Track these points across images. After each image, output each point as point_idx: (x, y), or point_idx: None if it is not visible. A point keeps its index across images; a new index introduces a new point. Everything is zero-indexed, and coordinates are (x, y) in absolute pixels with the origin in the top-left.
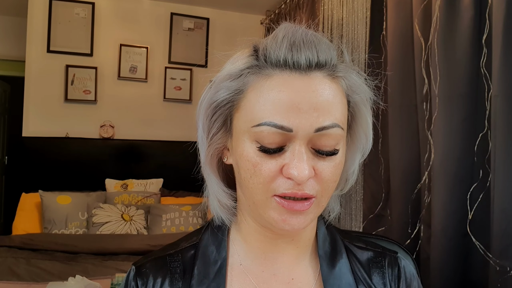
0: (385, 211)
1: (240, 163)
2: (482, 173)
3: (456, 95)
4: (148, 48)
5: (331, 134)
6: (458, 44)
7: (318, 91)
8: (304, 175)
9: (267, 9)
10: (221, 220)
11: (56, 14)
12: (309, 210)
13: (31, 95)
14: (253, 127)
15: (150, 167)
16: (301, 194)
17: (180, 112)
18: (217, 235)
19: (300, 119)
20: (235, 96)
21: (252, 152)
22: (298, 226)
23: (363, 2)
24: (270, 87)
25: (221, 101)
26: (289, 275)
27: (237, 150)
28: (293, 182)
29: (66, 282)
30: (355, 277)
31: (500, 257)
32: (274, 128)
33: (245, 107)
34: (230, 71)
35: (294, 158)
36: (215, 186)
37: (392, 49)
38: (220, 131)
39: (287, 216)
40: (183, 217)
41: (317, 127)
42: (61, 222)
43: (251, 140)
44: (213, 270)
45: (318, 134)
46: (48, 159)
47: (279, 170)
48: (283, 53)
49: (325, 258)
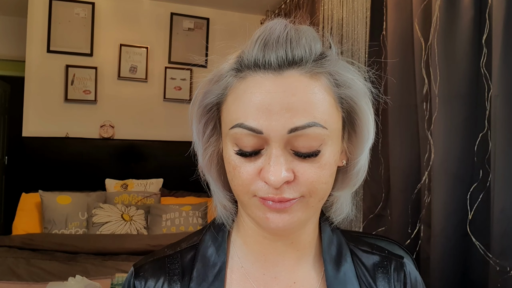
0: (385, 211)
1: (225, 165)
2: (482, 173)
3: (456, 95)
4: (148, 48)
5: (309, 134)
6: (458, 44)
7: (291, 90)
8: (278, 179)
9: (267, 9)
10: (222, 220)
11: (56, 14)
12: (294, 209)
13: (31, 95)
14: (230, 129)
15: (150, 167)
16: (278, 198)
17: (180, 112)
18: (218, 237)
19: (270, 120)
20: (219, 99)
21: (233, 155)
22: (283, 225)
23: (363, 2)
24: (243, 89)
25: (208, 104)
26: (291, 279)
27: (224, 152)
28: (270, 187)
29: (66, 282)
30: (359, 282)
31: (500, 257)
32: (246, 130)
33: (226, 110)
34: (214, 75)
35: (269, 161)
36: (216, 189)
37: (392, 49)
38: (213, 135)
39: (271, 215)
40: (183, 217)
41: (290, 127)
42: (61, 222)
43: (231, 143)
44: (212, 273)
45: (293, 135)
46: (48, 159)
47: (257, 173)
48: (255, 54)
49: (330, 262)
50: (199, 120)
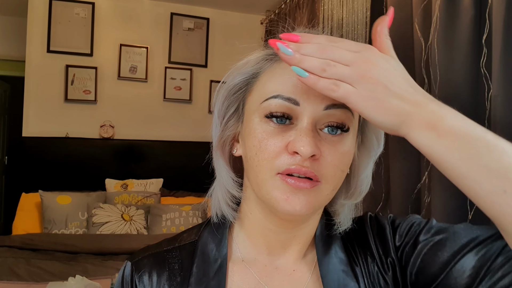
0: (385, 211)
1: (247, 143)
2: None
3: (456, 95)
4: (148, 48)
5: (341, 115)
6: (458, 44)
7: None
8: (308, 149)
9: (267, 9)
10: (221, 217)
11: (56, 14)
12: (312, 193)
13: (31, 95)
14: (262, 102)
15: (150, 167)
16: (305, 170)
17: (180, 112)
18: (217, 234)
19: (308, 95)
20: (250, 80)
21: (260, 129)
22: (300, 207)
23: (363, 2)
24: (282, 68)
25: (237, 84)
26: (291, 268)
27: (246, 131)
28: (297, 158)
29: (66, 282)
30: (347, 253)
31: None
32: (281, 100)
33: (258, 88)
34: (249, 59)
35: (300, 133)
36: (224, 173)
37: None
38: (233, 117)
39: (290, 195)
40: (183, 217)
41: (328, 104)
42: (61, 222)
43: (260, 117)
44: (213, 268)
45: (327, 113)
46: (48, 159)
47: (285, 146)
48: None
49: (320, 243)
50: (223, 101)
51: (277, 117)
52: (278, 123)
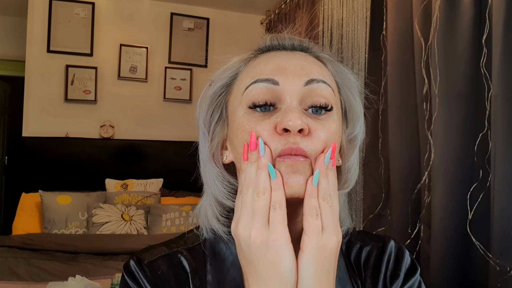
0: (385, 211)
1: (237, 141)
2: (482, 173)
3: (456, 95)
4: (148, 48)
5: (322, 89)
6: (458, 44)
7: (304, 58)
8: (296, 121)
9: (267, 9)
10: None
11: (56, 14)
12: (306, 170)
13: (31, 95)
14: (244, 92)
15: (150, 167)
16: (295, 148)
17: (180, 112)
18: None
19: (286, 75)
20: (230, 82)
21: (246, 120)
22: (298, 185)
23: (363, 2)
24: (257, 61)
25: (218, 90)
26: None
27: (233, 131)
28: (287, 137)
29: (66, 282)
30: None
31: (500, 257)
32: (261, 83)
33: (237, 86)
34: (227, 66)
35: (285, 112)
36: (219, 183)
37: (392, 49)
38: (219, 123)
39: (289, 178)
40: (183, 217)
41: (306, 80)
42: (61, 222)
43: (244, 109)
44: (227, 264)
45: (308, 90)
46: (48, 159)
47: (273, 128)
48: (269, 41)
49: None
50: (206, 110)
51: (260, 106)
52: (263, 111)
